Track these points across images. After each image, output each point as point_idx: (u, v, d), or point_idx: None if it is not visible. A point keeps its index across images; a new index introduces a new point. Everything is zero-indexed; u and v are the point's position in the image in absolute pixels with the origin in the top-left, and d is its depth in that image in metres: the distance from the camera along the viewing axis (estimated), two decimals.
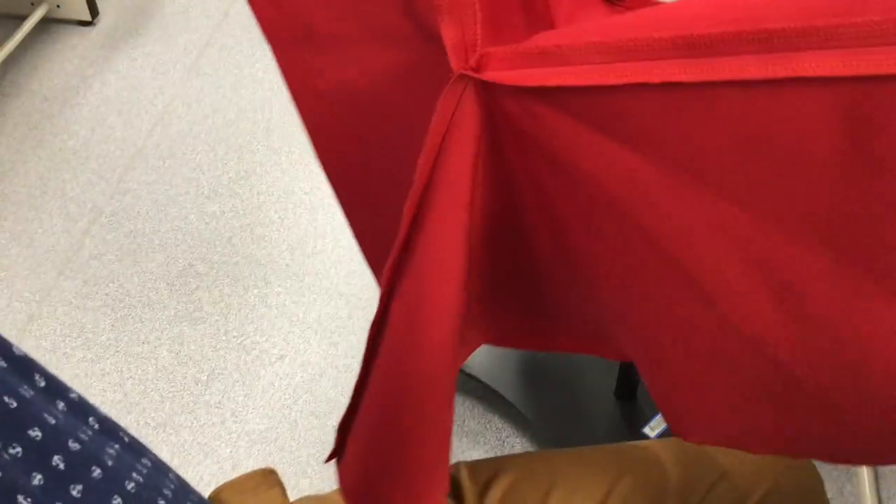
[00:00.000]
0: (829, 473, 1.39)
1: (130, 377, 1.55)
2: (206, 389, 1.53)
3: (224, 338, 1.60)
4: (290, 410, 1.49)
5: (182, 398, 1.51)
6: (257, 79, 2.11)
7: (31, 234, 1.78)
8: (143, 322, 1.63)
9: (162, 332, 1.61)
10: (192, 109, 2.05)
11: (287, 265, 1.71)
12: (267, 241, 1.75)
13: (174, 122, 2.02)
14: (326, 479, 1.37)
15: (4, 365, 0.45)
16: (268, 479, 0.70)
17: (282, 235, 1.76)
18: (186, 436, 1.45)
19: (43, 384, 0.47)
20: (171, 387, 1.53)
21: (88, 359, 1.57)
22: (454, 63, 0.46)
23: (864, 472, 1.31)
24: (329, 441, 1.45)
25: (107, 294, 1.68)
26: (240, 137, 1.97)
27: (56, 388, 0.48)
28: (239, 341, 1.59)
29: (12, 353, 0.46)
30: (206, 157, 1.94)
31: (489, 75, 0.45)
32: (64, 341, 1.60)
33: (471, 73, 0.45)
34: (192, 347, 1.59)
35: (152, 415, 1.48)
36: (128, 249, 1.75)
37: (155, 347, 1.59)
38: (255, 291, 1.66)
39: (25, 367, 0.47)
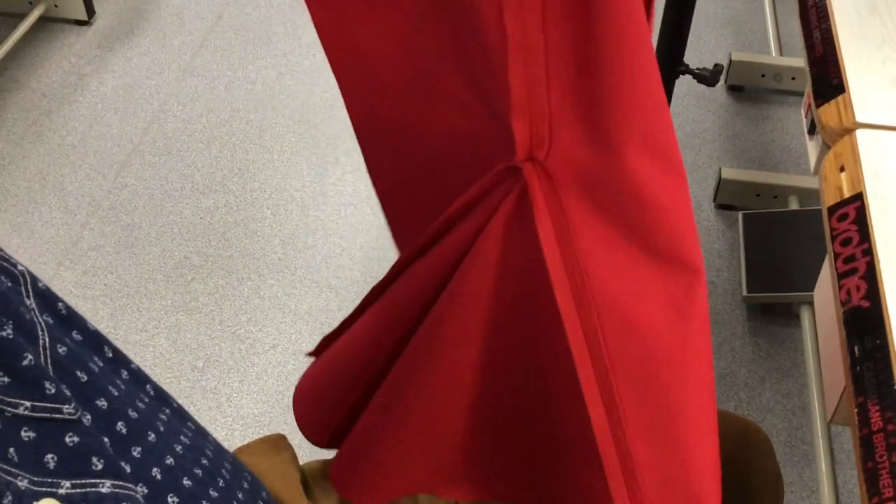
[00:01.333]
0: (790, 458, 1.49)
1: None
2: (202, 376, 1.60)
3: (219, 327, 1.67)
4: (283, 396, 1.57)
5: (179, 384, 1.58)
6: (250, 79, 2.18)
7: (31, 227, 1.85)
8: (140, 312, 1.70)
9: (159, 322, 1.68)
10: (186, 108, 2.11)
11: (279, 259, 1.78)
12: (260, 236, 1.83)
13: (169, 121, 2.08)
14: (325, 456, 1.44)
15: (80, 339, 0.52)
16: (280, 443, 0.78)
17: (274, 230, 1.83)
18: None
19: (111, 355, 0.54)
20: (169, 373, 1.60)
21: None
22: (520, 151, 0.50)
23: (822, 458, 1.40)
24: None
25: (105, 284, 1.74)
26: (233, 136, 2.04)
27: (121, 359, 0.55)
28: (233, 331, 1.67)
29: (87, 326, 0.53)
30: (200, 154, 2.01)
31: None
32: None
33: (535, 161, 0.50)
34: (189, 336, 1.66)
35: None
36: (125, 242, 1.82)
37: (153, 336, 1.66)
38: (249, 283, 1.74)
39: (97, 340, 0.54)
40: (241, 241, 1.82)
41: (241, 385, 1.58)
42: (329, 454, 0.85)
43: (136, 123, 2.08)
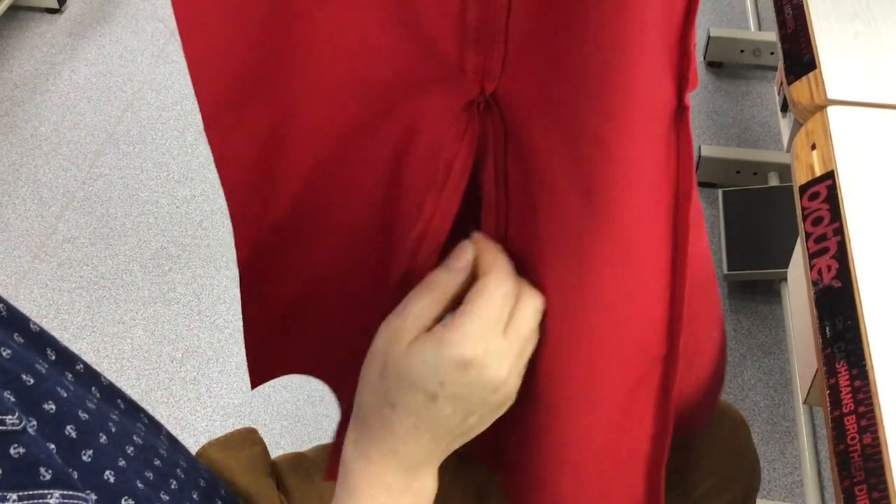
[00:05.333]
0: (771, 435, 1.49)
1: (107, 356, 1.60)
2: (181, 367, 1.58)
3: (197, 317, 1.66)
4: (264, 385, 1.55)
5: (158, 375, 1.57)
6: None
7: (4, 220, 1.82)
8: (117, 303, 1.68)
9: (137, 313, 1.67)
10: (160, 96, 2.09)
11: None
12: None
13: (143, 109, 2.06)
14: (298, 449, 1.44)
15: (22, 341, 0.50)
16: (250, 437, 0.77)
17: None
18: (163, 411, 1.51)
19: (54, 357, 0.52)
20: (147, 365, 1.59)
21: (65, 339, 1.61)
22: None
23: (803, 435, 1.40)
24: (300, 417, 1.52)
25: (81, 276, 1.73)
26: None
27: (65, 360, 0.53)
28: (212, 320, 1.65)
29: (29, 328, 0.52)
30: (175, 142, 1.98)
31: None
32: (41, 322, 1.64)
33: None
34: (167, 327, 1.64)
35: (129, 392, 1.53)
36: (101, 233, 1.80)
37: (130, 327, 1.64)
38: (227, 273, 1.72)
39: (40, 342, 0.52)
40: (218, 230, 1.80)
41: (221, 375, 1.57)
42: (301, 447, 0.85)
43: (109, 112, 2.05)
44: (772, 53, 2.06)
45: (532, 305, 0.51)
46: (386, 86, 0.50)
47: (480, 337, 0.48)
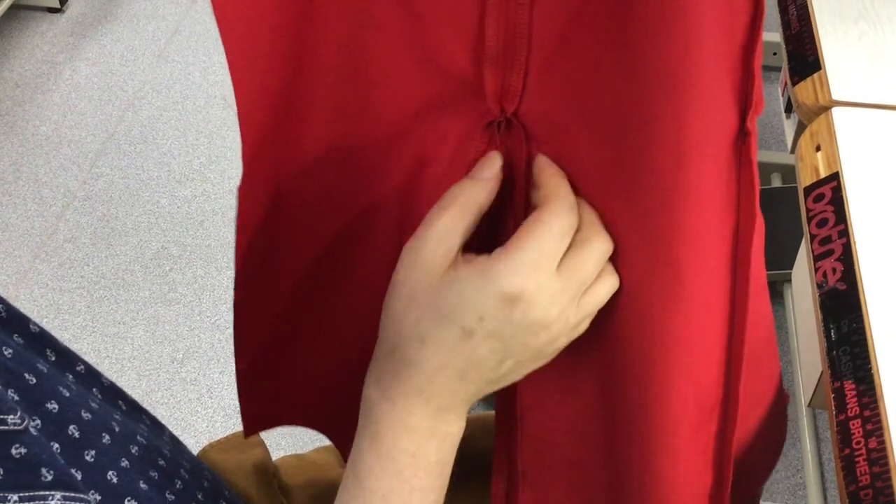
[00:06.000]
0: None
1: (108, 356, 1.59)
2: (181, 367, 1.58)
3: (198, 318, 1.65)
4: None
5: (158, 376, 1.57)
6: (226, 65, 2.15)
7: (5, 219, 1.82)
8: (118, 303, 1.68)
9: (137, 313, 1.66)
10: (161, 95, 2.08)
11: None
12: None
13: (144, 108, 2.05)
14: (299, 451, 1.43)
15: (21, 342, 0.50)
16: (250, 439, 0.76)
17: None
18: (163, 412, 1.50)
19: (54, 358, 0.52)
20: (148, 365, 1.58)
21: (66, 339, 1.61)
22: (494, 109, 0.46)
23: (807, 438, 1.40)
24: None
25: (82, 276, 1.72)
26: (210, 123, 2.02)
27: (66, 361, 0.53)
28: (213, 321, 1.65)
29: (29, 329, 0.51)
30: (176, 142, 1.98)
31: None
32: (41, 323, 1.63)
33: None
34: (168, 327, 1.64)
35: (130, 392, 1.53)
36: (101, 233, 1.80)
37: (131, 328, 1.64)
38: (228, 273, 1.71)
39: (40, 342, 0.52)
40: (219, 230, 1.80)
41: (222, 376, 1.57)
42: (303, 449, 0.84)
43: (110, 112, 2.04)
44: (774, 54, 2.05)
45: (596, 247, 0.45)
46: (400, 110, 0.48)
47: (531, 271, 0.43)
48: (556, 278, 0.44)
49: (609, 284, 0.47)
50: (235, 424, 1.49)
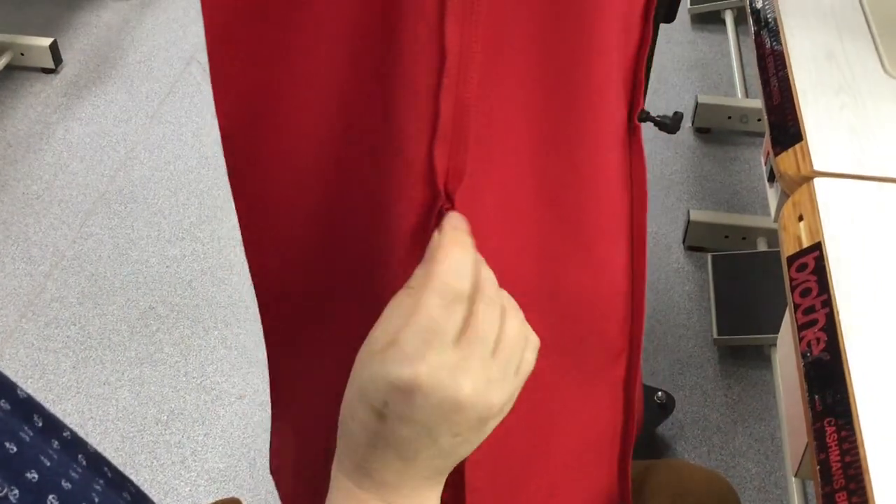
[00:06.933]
0: None
1: (91, 417, 1.58)
2: (166, 429, 1.56)
3: (184, 379, 1.64)
4: (249, 449, 1.53)
5: (142, 438, 1.55)
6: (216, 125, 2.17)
7: None
8: (104, 364, 1.67)
9: (122, 374, 1.65)
10: (154, 155, 2.10)
11: (247, 307, 1.76)
12: (227, 284, 1.80)
13: (136, 168, 2.06)
14: None
15: (8, 408, 0.50)
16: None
17: (242, 278, 1.81)
18: (147, 475, 1.48)
19: (41, 424, 0.52)
20: (132, 427, 1.57)
21: (50, 400, 1.60)
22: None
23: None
24: None
25: (68, 336, 1.71)
26: (201, 183, 2.03)
27: (52, 427, 0.53)
28: (199, 382, 1.64)
29: (16, 395, 0.51)
30: (167, 202, 1.99)
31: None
32: (25, 383, 1.63)
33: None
34: (153, 388, 1.62)
35: (112, 455, 1.51)
36: (89, 292, 1.79)
37: (116, 389, 1.63)
38: (216, 333, 1.71)
39: (27, 408, 0.51)
40: (207, 290, 1.80)
41: (206, 439, 1.55)
42: None
43: (102, 171, 2.06)
44: (759, 120, 2.09)
45: (493, 307, 0.42)
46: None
47: (421, 355, 0.40)
48: (455, 350, 0.41)
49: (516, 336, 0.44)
50: (219, 489, 1.48)
